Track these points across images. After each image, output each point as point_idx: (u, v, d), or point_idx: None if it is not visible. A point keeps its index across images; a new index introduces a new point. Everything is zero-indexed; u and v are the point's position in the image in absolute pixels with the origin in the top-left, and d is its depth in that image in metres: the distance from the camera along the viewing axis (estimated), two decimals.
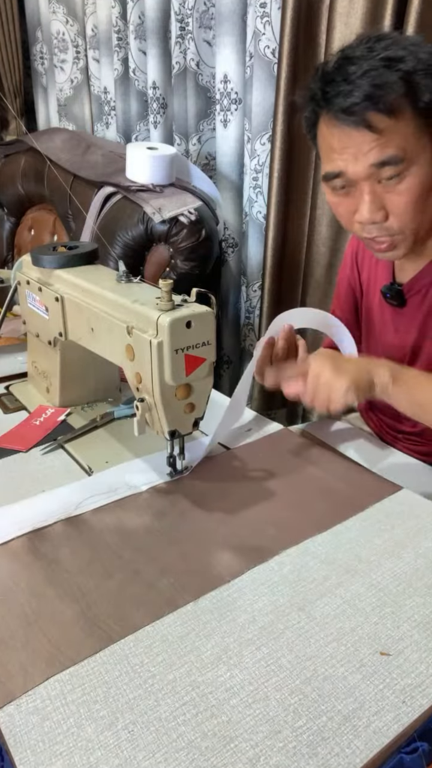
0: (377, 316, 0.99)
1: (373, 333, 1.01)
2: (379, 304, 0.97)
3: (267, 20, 1.46)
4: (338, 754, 0.47)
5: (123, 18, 1.91)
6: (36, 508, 0.74)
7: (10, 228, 2.19)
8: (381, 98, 0.71)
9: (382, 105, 0.71)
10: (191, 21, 1.65)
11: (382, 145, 0.73)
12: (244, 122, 1.64)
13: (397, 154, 0.73)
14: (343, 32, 1.28)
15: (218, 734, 0.48)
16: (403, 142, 0.73)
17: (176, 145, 1.85)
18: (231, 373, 1.97)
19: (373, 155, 0.74)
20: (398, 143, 0.73)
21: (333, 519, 0.73)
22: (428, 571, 0.65)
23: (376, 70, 0.71)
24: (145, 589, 0.62)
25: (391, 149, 0.73)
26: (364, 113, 0.72)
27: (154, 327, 0.69)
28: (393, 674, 0.53)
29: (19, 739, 0.48)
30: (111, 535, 0.70)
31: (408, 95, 0.71)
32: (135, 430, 0.75)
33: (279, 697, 0.51)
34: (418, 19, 1.15)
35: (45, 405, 0.99)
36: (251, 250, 1.73)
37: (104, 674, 0.53)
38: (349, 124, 0.73)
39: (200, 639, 0.57)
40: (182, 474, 0.81)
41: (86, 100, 2.28)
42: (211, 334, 0.72)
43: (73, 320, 0.88)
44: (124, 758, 0.46)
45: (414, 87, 0.71)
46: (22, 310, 1.03)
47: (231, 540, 0.69)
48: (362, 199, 0.78)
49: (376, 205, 0.77)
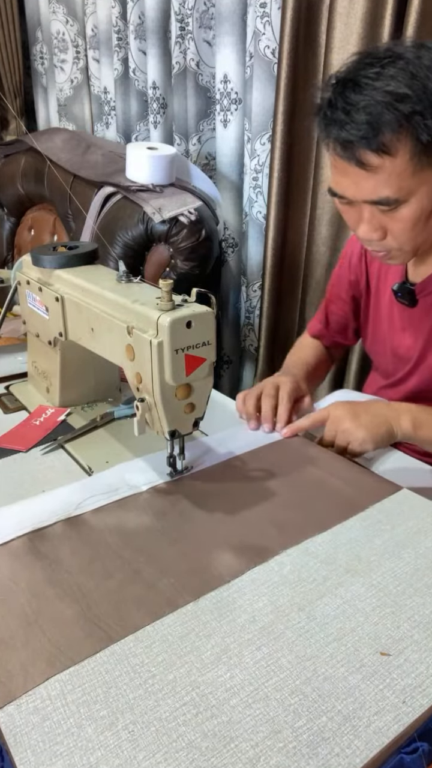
0: (385, 313, 0.99)
1: (381, 331, 1.01)
2: (389, 302, 0.97)
3: (267, 20, 1.46)
4: (338, 755, 0.47)
5: (123, 18, 1.91)
6: (36, 508, 0.74)
7: (10, 228, 2.19)
8: (375, 138, 0.69)
9: (375, 145, 0.70)
10: (191, 21, 1.65)
11: (375, 185, 0.73)
12: (244, 122, 1.64)
13: (389, 196, 0.73)
14: (343, 32, 1.28)
15: (218, 734, 0.48)
16: (397, 181, 0.72)
17: (176, 145, 1.85)
18: (231, 373, 1.97)
19: (366, 193, 0.74)
20: (393, 182, 0.72)
21: (333, 519, 0.73)
22: (428, 571, 0.65)
23: (375, 106, 0.69)
24: (145, 589, 0.62)
25: (385, 190, 0.73)
26: (357, 151, 0.71)
27: (154, 327, 0.69)
28: (393, 674, 0.53)
29: (19, 739, 0.48)
30: (111, 535, 0.70)
31: (407, 133, 0.70)
32: (135, 430, 0.75)
33: (279, 698, 0.51)
34: (418, 19, 1.15)
35: (45, 405, 0.99)
36: (251, 250, 1.73)
37: (104, 674, 0.53)
38: (343, 158, 0.73)
39: (200, 639, 0.57)
40: (182, 474, 0.81)
41: (86, 100, 2.29)
42: (211, 334, 0.72)
43: (73, 320, 0.88)
44: (124, 758, 0.46)
45: (413, 126, 0.69)
46: (22, 310, 1.03)
47: (231, 540, 0.69)
48: (361, 219, 0.78)
49: (374, 225, 0.78)
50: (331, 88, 0.74)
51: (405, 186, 0.73)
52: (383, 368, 1.05)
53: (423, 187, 0.73)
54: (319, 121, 0.76)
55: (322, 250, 1.50)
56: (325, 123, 0.74)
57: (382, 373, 1.06)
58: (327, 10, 1.33)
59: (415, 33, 1.16)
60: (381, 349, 1.02)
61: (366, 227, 0.78)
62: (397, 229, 0.77)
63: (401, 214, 0.75)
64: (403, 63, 0.69)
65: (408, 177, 0.72)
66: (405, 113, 0.68)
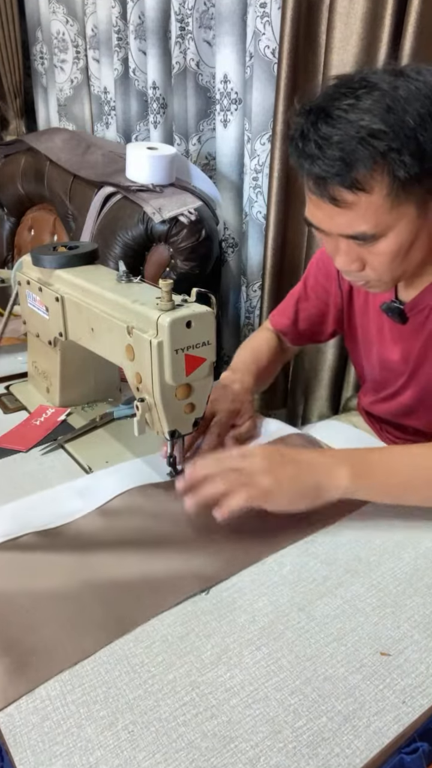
0: (374, 326, 0.95)
1: (369, 343, 0.98)
2: (377, 315, 0.93)
3: (267, 20, 1.46)
4: (338, 755, 0.47)
5: (123, 18, 1.91)
6: (35, 508, 0.74)
7: (10, 228, 2.19)
8: (349, 175, 0.65)
9: (349, 182, 0.66)
10: (191, 21, 1.65)
11: (350, 221, 0.69)
12: (244, 122, 1.64)
13: (366, 232, 0.69)
14: (343, 32, 1.28)
15: (218, 734, 0.48)
16: (374, 216, 0.68)
17: (176, 145, 1.85)
18: None
19: (341, 228, 0.71)
20: (369, 218, 0.68)
21: (333, 519, 0.73)
22: (428, 571, 0.65)
23: (348, 142, 0.64)
24: (145, 589, 0.62)
25: (361, 225, 0.69)
26: (330, 188, 0.67)
27: (154, 327, 0.69)
28: (393, 674, 0.53)
29: (19, 739, 0.48)
30: (109, 535, 0.70)
31: (382, 169, 0.65)
32: (135, 430, 0.75)
33: (279, 698, 0.51)
34: (418, 19, 1.15)
35: (45, 405, 0.99)
36: (251, 250, 1.73)
37: (104, 674, 0.53)
38: (314, 193, 0.70)
39: (200, 639, 0.57)
40: (182, 474, 0.81)
41: (86, 100, 2.28)
42: (211, 334, 0.72)
43: (73, 320, 0.88)
44: (124, 758, 0.46)
45: (389, 163, 0.65)
46: (22, 310, 1.03)
47: (231, 540, 0.69)
48: (338, 250, 0.75)
49: (351, 258, 0.74)
50: (303, 117, 0.69)
51: (382, 221, 0.69)
52: (372, 380, 1.02)
53: (402, 220, 0.69)
54: (291, 152, 0.71)
55: None
56: (297, 155, 0.70)
57: (373, 386, 1.03)
58: (327, 10, 1.33)
59: (415, 33, 1.16)
60: (369, 361, 0.99)
61: (343, 259, 0.74)
62: (376, 262, 0.74)
63: (379, 247, 0.71)
64: (378, 94, 0.64)
65: (385, 213, 0.68)
66: (380, 150, 0.64)
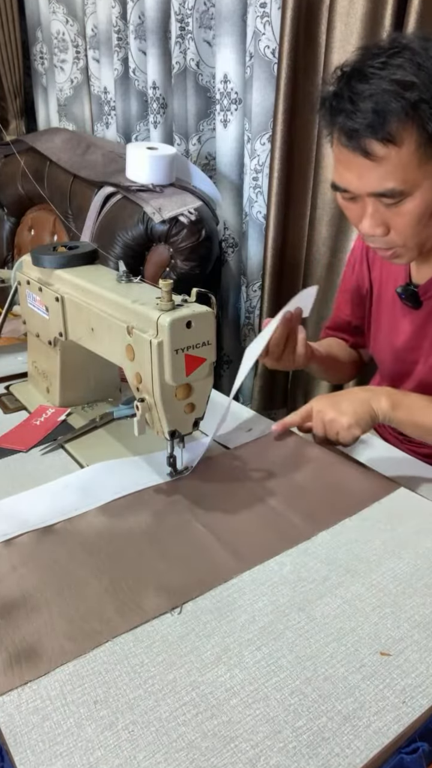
0: (388, 315, 0.98)
1: (383, 332, 1.00)
2: (391, 304, 0.96)
3: (267, 20, 1.46)
4: (338, 755, 0.47)
5: (123, 18, 1.91)
6: (35, 507, 0.74)
7: (10, 228, 2.19)
8: (382, 127, 0.69)
9: (381, 134, 0.69)
10: (191, 21, 1.65)
11: (381, 176, 0.72)
12: (244, 122, 1.64)
13: (395, 188, 0.72)
14: (343, 32, 1.28)
15: (218, 734, 0.48)
16: (403, 172, 0.72)
17: (176, 145, 1.85)
18: (231, 373, 1.97)
19: (371, 185, 0.73)
20: (398, 174, 0.72)
21: (333, 519, 0.73)
22: (428, 571, 0.65)
23: (381, 95, 0.68)
24: (144, 589, 0.62)
25: (389, 182, 0.72)
26: (363, 140, 0.71)
27: (154, 327, 0.69)
28: (393, 674, 0.53)
29: (19, 739, 0.48)
30: (111, 535, 0.70)
31: (413, 123, 0.69)
32: (135, 430, 0.75)
33: (279, 697, 0.51)
34: (418, 19, 1.15)
35: (45, 405, 0.99)
36: (251, 250, 1.73)
37: (104, 674, 0.53)
38: (348, 147, 0.73)
39: (200, 639, 0.57)
40: (182, 474, 0.81)
41: (86, 100, 2.28)
42: (211, 334, 0.72)
43: (73, 320, 0.88)
44: (124, 758, 0.46)
45: (420, 115, 0.69)
46: (22, 310, 1.03)
47: (231, 540, 0.69)
48: (364, 213, 0.77)
49: (377, 221, 0.77)
50: (336, 81, 0.73)
51: (410, 178, 0.72)
52: (386, 369, 1.05)
53: (428, 180, 0.73)
54: (324, 113, 0.75)
55: (322, 250, 1.50)
56: (330, 113, 0.74)
57: (386, 375, 1.06)
58: (327, 10, 1.33)
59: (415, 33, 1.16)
60: (383, 350, 1.01)
61: (369, 222, 0.77)
62: (401, 224, 0.76)
63: (405, 208, 0.75)
64: (409, 53, 0.69)
65: (413, 169, 0.71)
66: (411, 101, 0.68)
